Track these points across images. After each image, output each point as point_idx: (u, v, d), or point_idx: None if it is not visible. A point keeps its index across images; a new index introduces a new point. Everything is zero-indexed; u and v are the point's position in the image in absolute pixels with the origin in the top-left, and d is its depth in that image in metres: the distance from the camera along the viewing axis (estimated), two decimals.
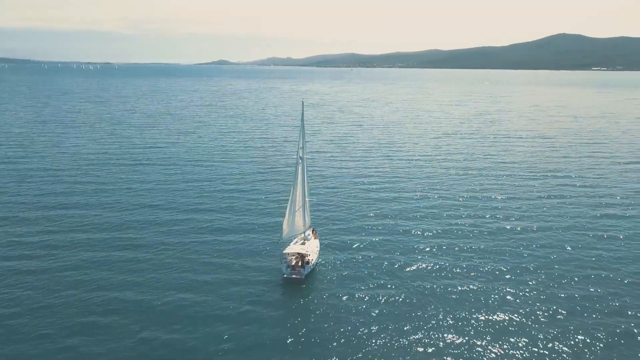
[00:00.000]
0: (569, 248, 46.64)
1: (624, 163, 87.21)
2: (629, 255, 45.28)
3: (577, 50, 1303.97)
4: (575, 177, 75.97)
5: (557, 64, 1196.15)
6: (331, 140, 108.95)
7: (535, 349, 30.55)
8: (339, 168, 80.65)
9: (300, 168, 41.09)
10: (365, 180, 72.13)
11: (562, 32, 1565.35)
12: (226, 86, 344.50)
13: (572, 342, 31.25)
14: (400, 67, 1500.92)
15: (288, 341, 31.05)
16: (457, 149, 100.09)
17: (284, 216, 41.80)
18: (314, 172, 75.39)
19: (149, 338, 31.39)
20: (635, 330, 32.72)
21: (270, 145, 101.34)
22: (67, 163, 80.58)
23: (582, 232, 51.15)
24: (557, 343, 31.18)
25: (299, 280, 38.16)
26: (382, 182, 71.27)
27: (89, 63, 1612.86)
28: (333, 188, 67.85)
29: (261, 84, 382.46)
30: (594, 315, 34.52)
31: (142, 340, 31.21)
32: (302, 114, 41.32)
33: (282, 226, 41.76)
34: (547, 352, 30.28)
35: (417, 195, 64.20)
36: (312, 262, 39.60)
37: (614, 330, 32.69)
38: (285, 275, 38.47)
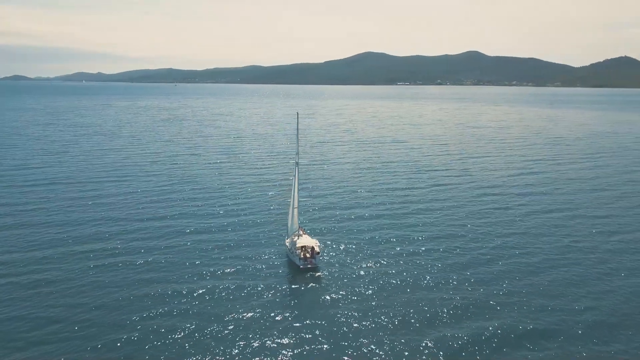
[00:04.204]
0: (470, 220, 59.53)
1: (469, 157, 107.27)
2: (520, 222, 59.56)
3: (383, 67, 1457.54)
4: (444, 170, 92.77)
5: (368, 79, 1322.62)
6: (222, 151, 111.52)
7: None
8: (239, 176, 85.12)
9: (296, 172, 46.12)
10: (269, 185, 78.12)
11: (369, 50, 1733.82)
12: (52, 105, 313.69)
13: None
14: (224, 82, 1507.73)
15: (323, 317, 36.66)
16: (336, 154, 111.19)
17: (286, 216, 46.34)
18: (228, 178, 79.00)
19: (184, 332, 34.03)
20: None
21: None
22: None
23: (464, 206, 65.05)
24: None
25: (313, 269, 43.38)
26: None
27: None
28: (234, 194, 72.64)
29: (92, 102, 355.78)
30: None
31: (179, 333, 33.75)
32: (297, 123, 46.45)
33: (286, 224, 46.20)
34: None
35: (336, 192, 72.60)
36: (320, 252, 44.99)
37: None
38: (301, 267, 43.30)
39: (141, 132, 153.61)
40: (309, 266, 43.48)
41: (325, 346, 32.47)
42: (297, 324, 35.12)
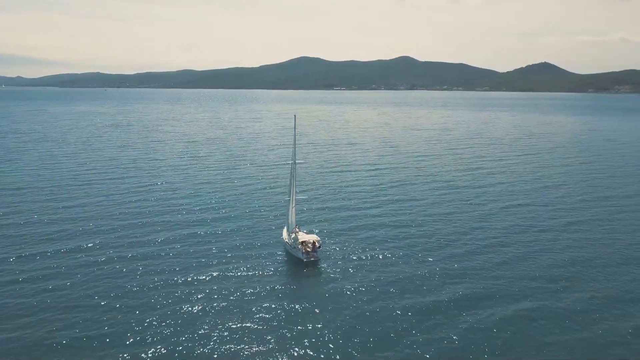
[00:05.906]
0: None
1: (422, 156, 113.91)
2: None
3: (318, 72, 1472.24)
4: (402, 169, 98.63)
5: (304, 84, 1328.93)
6: (188, 154, 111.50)
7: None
8: (207, 177, 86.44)
9: (294, 172, 48.92)
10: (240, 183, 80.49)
11: (304, 55, 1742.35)
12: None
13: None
14: (156, 87, 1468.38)
15: (329, 303, 40.25)
16: (298, 157, 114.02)
17: (279, 213, 48.83)
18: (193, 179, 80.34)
19: (205, 324, 36.30)
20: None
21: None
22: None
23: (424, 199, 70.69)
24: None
25: (315, 262, 46.28)
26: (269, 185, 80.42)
27: None
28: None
29: (22, 108, 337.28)
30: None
31: (197, 324, 36.08)
32: (295, 125, 49.29)
33: (282, 221, 48.67)
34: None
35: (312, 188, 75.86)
36: (320, 246, 47.84)
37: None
38: (305, 260, 46.05)
39: (88, 137, 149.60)
40: (312, 259, 46.28)
41: (334, 330, 35.61)
42: (306, 310, 38.32)
